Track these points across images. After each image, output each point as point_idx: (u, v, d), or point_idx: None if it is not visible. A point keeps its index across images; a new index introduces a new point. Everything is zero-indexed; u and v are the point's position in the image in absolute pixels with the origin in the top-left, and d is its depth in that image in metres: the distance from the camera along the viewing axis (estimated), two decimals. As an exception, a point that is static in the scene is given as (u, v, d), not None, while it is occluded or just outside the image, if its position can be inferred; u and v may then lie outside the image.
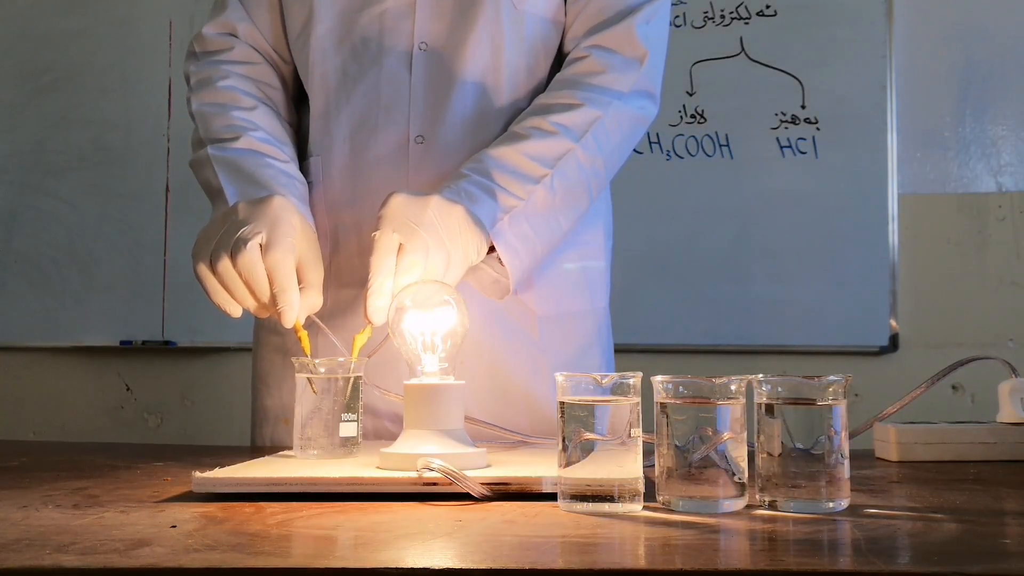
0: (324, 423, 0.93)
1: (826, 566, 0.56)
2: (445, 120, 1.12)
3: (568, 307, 1.21)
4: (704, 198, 2.49)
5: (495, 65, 1.14)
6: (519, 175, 1.07)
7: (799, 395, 0.74)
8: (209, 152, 1.13)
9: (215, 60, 1.22)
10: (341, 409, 0.94)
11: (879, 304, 2.49)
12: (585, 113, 1.11)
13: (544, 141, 1.09)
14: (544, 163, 1.08)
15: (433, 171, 1.11)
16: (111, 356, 2.71)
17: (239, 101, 1.18)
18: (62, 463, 1.04)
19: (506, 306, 1.15)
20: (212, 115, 1.17)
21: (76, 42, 2.74)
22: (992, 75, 2.53)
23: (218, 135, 1.15)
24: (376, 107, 1.13)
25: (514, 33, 1.14)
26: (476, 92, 1.13)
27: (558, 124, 1.10)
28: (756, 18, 2.55)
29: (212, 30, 1.23)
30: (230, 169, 1.11)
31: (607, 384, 0.74)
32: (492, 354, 1.15)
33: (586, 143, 1.11)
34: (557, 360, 1.16)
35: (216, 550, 0.61)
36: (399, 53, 1.13)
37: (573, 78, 1.15)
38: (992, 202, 2.52)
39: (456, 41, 1.13)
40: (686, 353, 2.52)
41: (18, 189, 2.74)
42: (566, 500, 0.73)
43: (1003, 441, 1.05)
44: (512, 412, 1.15)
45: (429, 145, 1.12)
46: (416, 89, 1.13)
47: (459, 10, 1.14)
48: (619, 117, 1.14)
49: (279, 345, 1.21)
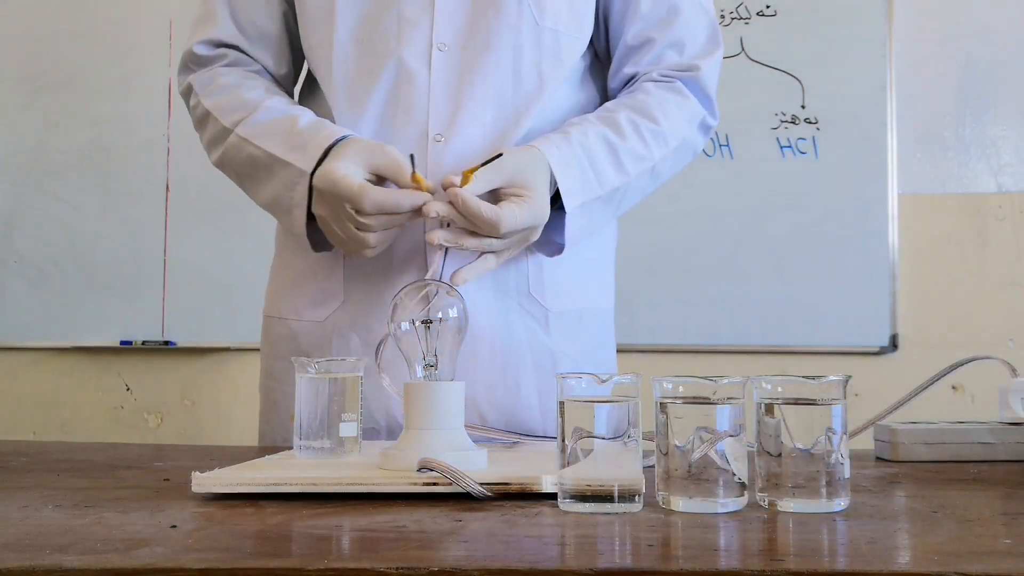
0: (324, 423, 0.93)
1: (826, 566, 0.56)
2: (463, 120, 1.13)
3: (580, 305, 1.22)
4: (704, 198, 2.50)
5: (515, 69, 1.15)
6: (612, 173, 1.14)
7: (799, 395, 0.74)
8: (239, 133, 1.15)
9: (214, 67, 1.23)
10: (341, 409, 0.94)
11: (879, 304, 2.49)
12: (677, 131, 1.19)
13: (638, 145, 1.16)
14: (622, 171, 1.14)
15: (451, 170, 1.12)
16: (111, 356, 2.71)
17: (246, 86, 1.20)
18: (62, 463, 1.04)
19: (519, 304, 1.17)
20: (226, 104, 1.18)
21: (76, 42, 2.74)
22: (992, 75, 2.53)
23: (239, 117, 1.16)
24: (396, 106, 1.14)
25: (535, 43, 1.16)
26: (494, 95, 1.14)
27: (653, 134, 1.17)
28: (756, 18, 2.55)
29: (203, 49, 1.24)
30: (268, 135, 1.13)
31: (607, 384, 0.74)
32: (505, 352, 1.16)
33: (663, 162, 1.19)
34: (569, 358, 1.17)
35: (216, 550, 0.61)
36: (418, 53, 1.14)
37: (658, 97, 1.19)
38: (992, 202, 2.52)
39: (475, 44, 1.14)
40: (686, 353, 2.52)
41: (18, 189, 2.74)
42: (566, 500, 0.73)
43: (1003, 441, 1.05)
44: (524, 410, 1.15)
45: (448, 144, 1.12)
46: (435, 89, 1.13)
47: (478, 13, 1.15)
48: (689, 147, 1.23)
49: (289, 338, 1.21)
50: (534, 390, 1.17)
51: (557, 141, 1.11)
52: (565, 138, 1.11)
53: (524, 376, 1.16)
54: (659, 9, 1.21)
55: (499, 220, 1.02)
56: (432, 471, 0.78)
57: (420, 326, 0.91)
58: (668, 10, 1.21)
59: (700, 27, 1.22)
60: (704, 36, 1.23)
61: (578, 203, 1.10)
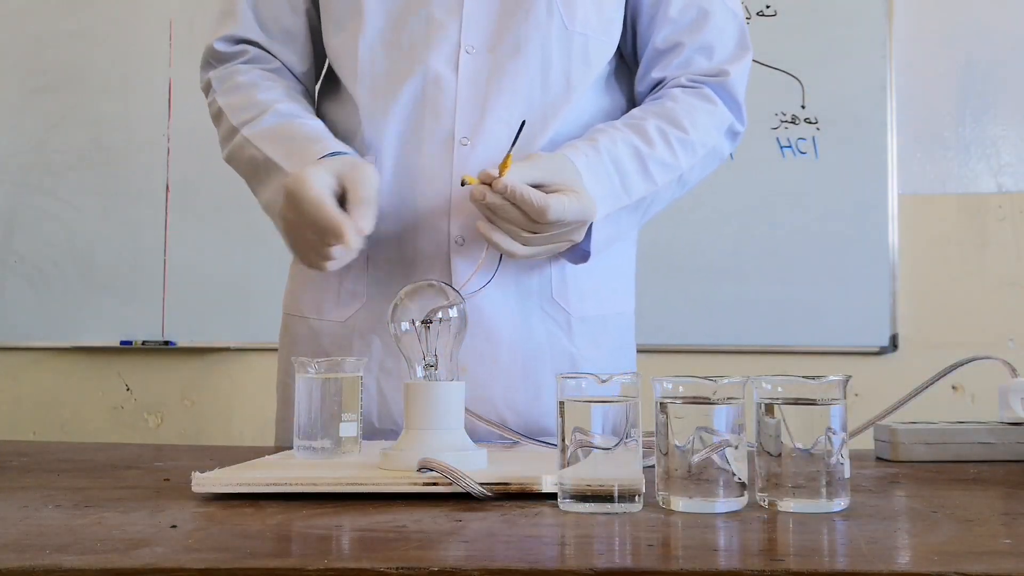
0: (324, 423, 0.93)
1: (826, 566, 0.56)
2: (490, 124, 1.12)
3: (603, 310, 1.21)
4: (704, 198, 2.49)
5: (543, 73, 1.14)
6: (640, 183, 1.14)
7: (799, 395, 0.74)
8: (244, 134, 1.15)
9: (234, 63, 1.23)
10: (341, 409, 0.94)
11: (879, 304, 2.49)
12: (704, 140, 1.19)
13: (666, 153, 1.16)
14: (650, 181, 1.14)
15: (477, 173, 1.11)
16: (111, 356, 2.71)
17: (261, 86, 1.19)
18: (62, 463, 1.04)
19: (542, 308, 1.16)
20: (238, 103, 1.18)
21: (76, 42, 2.74)
22: (992, 75, 2.53)
23: (247, 117, 1.16)
24: (423, 108, 1.14)
25: (564, 48, 1.15)
26: (522, 99, 1.14)
27: (683, 144, 1.17)
28: (756, 18, 2.55)
29: (224, 46, 1.23)
30: (270, 139, 1.13)
31: (607, 384, 0.74)
32: (526, 355, 1.15)
33: (690, 171, 1.19)
34: (591, 362, 1.17)
35: (216, 550, 0.61)
36: (446, 55, 1.13)
37: (686, 104, 1.18)
38: (992, 202, 2.52)
39: (504, 47, 1.14)
40: (686, 353, 2.52)
41: (18, 189, 2.74)
42: (566, 500, 0.73)
43: (1003, 441, 1.05)
44: (545, 413, 1.15)
45: (474, 148, 1.12)
46: (462, 92, 1.13)
47: (507, 16, 1.14)
48: (717, 154, 1.23)
49: (310, 337, 1.20)
50: (554, 395, 1.16)
51: (585, 149, 1.09)
52: (593, 146, 1.10)
53: (544, 380, 1.15)
54: (688, 13, 1.20)
55: (548, 207, 0.99)
56: (432, 471, 0.78)
57: (420, 326, 0.91)
58: (697, 14, 1.20)
59: (729, 32, 1.22)
60: (733, 41, 1.22)
61: (605, 212, 1.09)
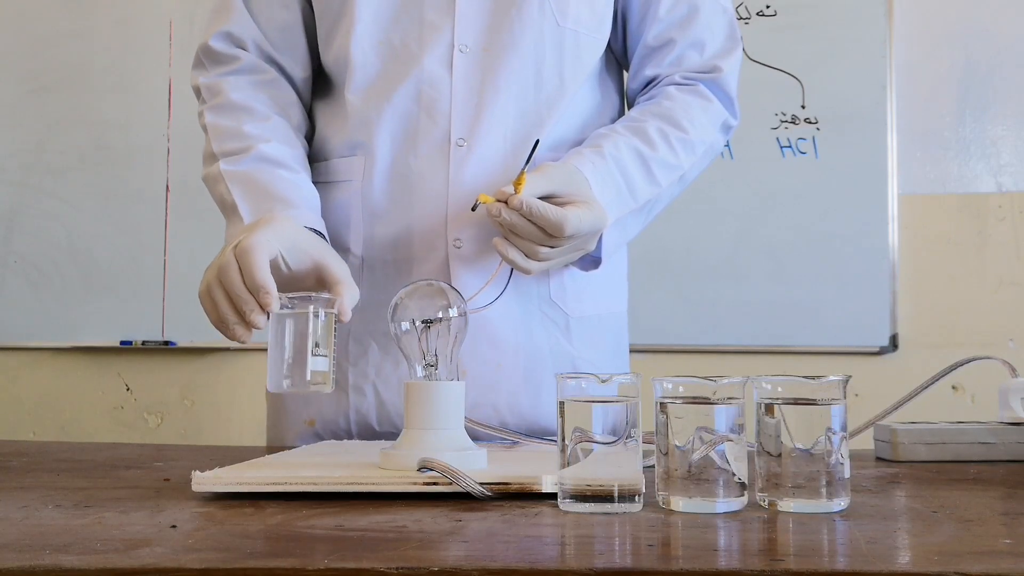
0: (295, 358, 0.91)
1: (826, 566, 0.56)
2: (486, 124, 1.12)
3: (599, 310, 1.22)
4: (704, 198, 2.49)
5: (536, 71, 1.15)
6: (644, 189, 1.15)
7: (799, 395, 0.74)
8: (221, 168, 1.12)
9: (225, 72, 1.20)
10: (311, 343, 0.92)
11: (879, 304, 2.49)
12: (703, 137, 1.20)
13: (669, 155, 1.17)
14: (654, 183, 1.15)
15: (474, 175, 1.11)
16: (111, 356, 2.71)
17: (252, 113, 1.16)
18: (62, 463, 1.04)
19: (541, 310, 1.17)
20: (224, 128, 1.16)
21: (76, 42, 2.74)
22: (992, 75, 2.53)
23: (230, 149, 1.14)
24: (418, 110, 1.13)
25: (556, 44, 1.15)
26: (517, 98, 1.14)
27: (683, 144, 1.17)
28: (756, 18, 2.55)
29: (219, 44, 1.20)
30: (243, 184, 1.10)
31: (607, 384, 0.74)
32: (528, 359, 1.16)
33: (691, 171, 1.21)
34: (590, 364, 1.18)
35: (216, 550, 0.61)
36: (440, 56, 1.13)
37: (682, 102, 1.19)
38: (992, 202, 2.52)
39: (497, 45, 1.14)
40: (686, 353, 2.52)
41: (18, 189, 2.74)
42: (566, 500, 0.73)
43: (1003, 441, 1.05)
44: (545, 414, 1.15)
45: (471, 149, 1.12)
46: (457, 92, 1.13)
47: (500, 13, 1.14)
48: (714, 150, 1.24)
49: None
50: (555, 395, 1.16)
51: (591, 157, 1.10)
52: (598, 153, 1.11)
53: (545, 383, 1.16)
54: (678, 10, 1.21)
55: (565, 221, 1.00)
56: (432, 471, 0.78)
57: (420, 326, 0.91)
58: (687, 10, 1.21)
59: (719, 25, 1.22)
60: (723, 34, 1.23)
61: (614, 218, 1.10)
